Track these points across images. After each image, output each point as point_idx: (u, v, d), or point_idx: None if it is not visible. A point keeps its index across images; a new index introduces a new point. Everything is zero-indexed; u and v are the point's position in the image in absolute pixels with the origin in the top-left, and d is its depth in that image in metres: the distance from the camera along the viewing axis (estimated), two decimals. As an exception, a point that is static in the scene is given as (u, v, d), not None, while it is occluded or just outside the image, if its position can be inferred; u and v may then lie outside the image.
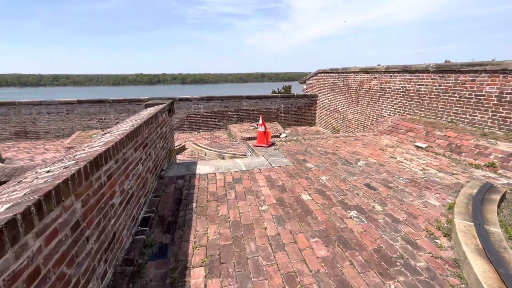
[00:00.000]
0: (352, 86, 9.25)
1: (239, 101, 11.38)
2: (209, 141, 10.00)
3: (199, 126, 11.25)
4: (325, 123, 11.57)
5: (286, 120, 12.15)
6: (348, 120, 9.67)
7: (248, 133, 10.08)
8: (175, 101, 10.60)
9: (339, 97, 10.21)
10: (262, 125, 5.25)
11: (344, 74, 9.64)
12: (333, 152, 4.82)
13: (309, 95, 12.11)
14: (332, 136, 6.06)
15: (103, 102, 10.16)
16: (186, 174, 3.74)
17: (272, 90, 45.46)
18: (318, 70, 11.69)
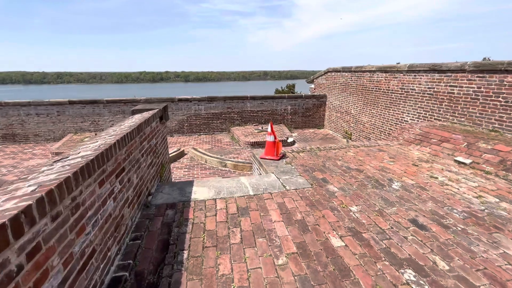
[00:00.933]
0: (367, 87, 8.42)
1: (243, 101, 10.60)
2: (210, 145, 9.24)
3: (199, 129, 10.50)
4: (335, 126, 10.74)
5: (293, 122, 11.35)
6: (362, 124, 8.85)
7: (253, 137, 9.30)
8: (174, 102, 9.85)
9: (351, 98, 9.39)
10: (271, 134, 4.46)
11: (358, 73, 8.81)
12: (357, 167, 4.02)
13: (318, 96, 11.30)
14: (351, 146, 5.25)
15: (96, 103, 9.43)
16: (179, 202, 2.97)
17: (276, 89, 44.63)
18: (328, 69, 10.86)
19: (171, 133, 10.28)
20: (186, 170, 7.15)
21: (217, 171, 7.07)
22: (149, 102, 9.77)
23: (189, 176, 6.70)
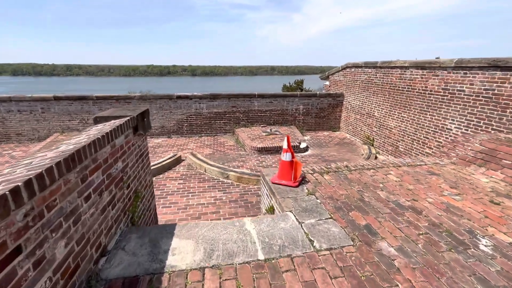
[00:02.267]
0: (396, 85, 7.14)
1: (250, 100, 9.42)
2: (212, 149, 8.13)
3: (200, 130, 9.38)
4: (354, 129, 9.49)
5: (305, 124, 10.13)
6: (387, 129, 7.59)
7: (260, 141, 8.14)
8: (173, 99, 8.73)
9: (375, 99, 8.12)
10: (287, 150, 3.29)
11: (385, 70, 7.53)
12: (411, 204, 2.84)
13: (334, 94, 10.03)
14: (390, 165, 4.04)
15: (85, 99, 8.38)
16: (145, 275, 1.84)
17: (284, 85, 43.20)
18: (347, 64, 9.56)
19: (169, 134, 9.19)
20: (182, 181, 6.05)
21: (218, 183, 5.96)
22: (143, 99, 8.68)
23: (183, 191, 5.60)
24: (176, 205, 5.08)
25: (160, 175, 6.31)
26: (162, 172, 6.47)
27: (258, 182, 5.84)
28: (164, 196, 5.37)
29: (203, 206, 5.06)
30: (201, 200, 5.27)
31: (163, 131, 9.10)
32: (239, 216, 4.71)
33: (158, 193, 5.47)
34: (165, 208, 4.97)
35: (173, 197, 5.36)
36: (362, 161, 4.22)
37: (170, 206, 5.03)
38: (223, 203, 5.16)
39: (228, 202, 5.19)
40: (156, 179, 6.10)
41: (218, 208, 4.98)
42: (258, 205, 5.10)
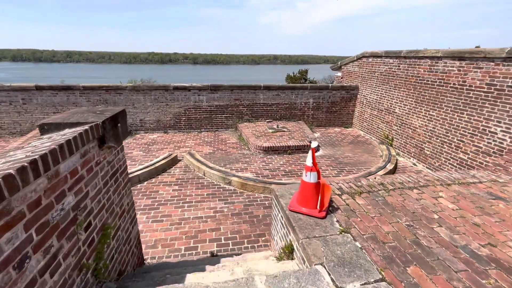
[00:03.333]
0: (425, 79, 6.20)
1: (255, 92, 8.51)
2: (212, 147, 7.30)
3: (200, 124, 8.52)
4: (369, 126, 8.60)
5: (314, 119, 9.24)
6: (411, 128, 6.71)
7: (266, 139, 7.29)
8: (169, 91, 7.84)
9: (397, 93, 7.19)
10: (312, 169, 2.43)
11: (411, 60, 6.57)
12: (490, 253, 2.01)
13: (348, 87, 9.09)
14: (435, 182, 3.20)
15: (71, 90, 7.50)
16: None
17: (287, 74, 41.92)
18: (364, 53, 8.57)
19: (165, 129, 8.35)
20: (177, 187, 5.26)
21: (218, 191, 5.16)
22: (136, 90, 7.79)
23: (178, 200, 4.81)
24: (169, 218, 4.30)
25: (153, 179, 5.52)
26: (155, 175, 5.67)
27: (265, 190, 5.04)
28: (156, 207, 4.59)
29: (200, 220, 4.28)
30: (198, 212, 4.48)
31: (158, 125, 8.26)
32: (243, 235, 3.94)
33: (148, 203, 4.69)
34: (156, 222, 4.19)
35: (166, 208, 4.57)
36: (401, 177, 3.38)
37: (162, 220, 4.25)
38: (224, 217, 4.37)
39: (230, 216, 4.40)
40: (148, 184, 5.31)
41: (218, 224, 4.20)
42: (265, 220, 4.32)
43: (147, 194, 4.95)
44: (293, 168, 6.11)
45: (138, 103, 7.92)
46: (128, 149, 6.99)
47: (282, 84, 8.68)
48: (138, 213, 4.39)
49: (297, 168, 6.13)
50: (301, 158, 6.72)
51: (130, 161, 6.29)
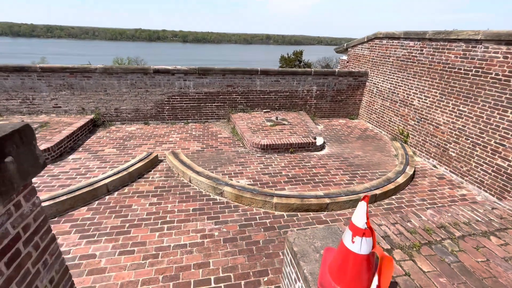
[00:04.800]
0: (456, 66, 5.19)
1: (250, 77, 7.32)
2: (201, 143, 6.22)
3: (187, 115, 7.35)
4: (379, 118, 7.64)
5: (317, 109, 8.20)
6: (432, 124, 5.77)
7: (264, 134, 6.24)
8: (149, 74, 6.57)
9: (417, 82, 6.18)
10: (366, 233, 1.42)
11: (439, 44, 5.50)
12: None
13: (356, 73, 8.00)
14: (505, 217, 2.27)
15: (26, 71, 6.12)
16: None
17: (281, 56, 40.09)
18: (376, 34, 7.42)
19: (145, 120, 7.16)
20: (155, 199, 4.22)
21: (207, 204, 4.16)
22: (109, 73, 6.47)
23: (156, 219, 3.79)
24: (142, 248, 3.30)
25: (125, 188, 4.44)
26: (129, 182, 4.59)
27: (265, 205, 4.08)
28: (126, 230, 3.57)
29: (184, 250, 3.30)
30: (181, 237, 3.50)
31: (137, 115, 7.04)
32: (239, 274, 3.00)
33: (117, 224, 3.66)
34: (124, 255, 3.18)
35: (140, 231, 3.56)
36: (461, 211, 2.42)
37: (133, 251, 3.25)
38: (215, 244, 3.41)
39: (222, 243, 3.44)
40: (118, 196, 4.25)
41: (206, 256, 3.24)
42: (267, 247, 3.39)
43: (116, 211, 3.91)
44: (297, 172, 5.14)
45: (112, 89, 6.64)
46: (99, 145, 5.82)
47: (282, 69, 7.50)
48: (102, 240, 3.36)
49: (302, 172, 5.17)
50: (305, 158, 5.74)
51: (99, 162, 5.16)
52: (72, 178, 4.57)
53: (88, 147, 5.75)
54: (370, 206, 4.34)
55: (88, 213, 3.83)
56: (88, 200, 4.04)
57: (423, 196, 4.69)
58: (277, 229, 3.72)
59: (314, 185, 4.75)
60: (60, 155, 5.24)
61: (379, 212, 4.19)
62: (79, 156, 5.32)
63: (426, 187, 4.97)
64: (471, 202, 4.69)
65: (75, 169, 4.86)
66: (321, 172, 5.19)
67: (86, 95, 6.56)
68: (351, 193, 4.33)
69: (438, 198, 4.66)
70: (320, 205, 4.08)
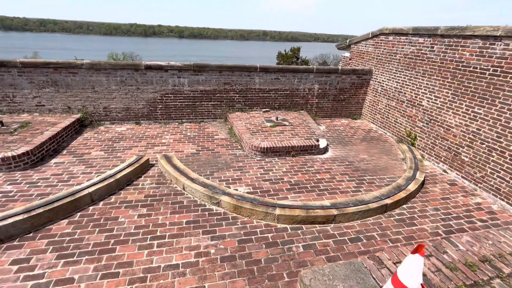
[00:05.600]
0: (471, 65, 4.84)
1: (249, 75, 6.90)
2: (196, 145, 5.81)
3: (181, 114, 6.91)
4: (384, 119, 7.29)
5: (318, 109, 7.82)
6: (443, 127, 5.43)
7: (264, 136, 5.85)
8: (140, 70, 6.11)
9: (426, 81, 5.83)
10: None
11: (452, 40, 5.14)
12: None
13: (360, 71, 7.62)
14: None
15: (6, 67, 5.61)
16: None
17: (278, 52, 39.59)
18: (382, 30, 7.04)
19: (137, 119, 6.71)
20: (145, 210, 3.81)
21: (203, 216, 3.77)
22: (96, 69, 6.00)
23: (145, 234, 3.39)
24: (128, 270, 2.90)
25: (112, 197, 4.03)
26: (116, 190, 4.17)
27: (267, 217, 3.70)
28: (111, 248, 3.16)
29: (176, 272, 2.91)
30: (173, 256, 3.10)
31: (128, 115, 6.59)
32: (240, 302, 2.62)
33: (100, 240, 3.25)
34: (107, 278, 2.78)
35: (126, 249, 3.15)
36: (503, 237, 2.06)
37: (117, 274, 2.84)
38: (211, 265, 3.02)
39: (220, 262, 3.05)
40: (104, 206, 3.83)
41: (201, 278, 2.85)
42: (269, 267, 3.01)
43: (100, 224, 3.49)
44: (300, 178, 4.76)
45: (100, 86, 6.17)
46: (85, 148, 5.38)
47: (282, 66, 7.09)
48: (82, 260, 2.96)
49: (305, 177, 4.79)
50: (308, 162, 5.37)
51: (84, 166, 4.72)
52: (53, 185, 4.14)
53: (74, 149, 5.30)
54: (380, 217, 3.99)
55: (68, 227, 3.41)
56: (69, 212, 3.62)
57: (436, 205, 4.36)
58: (280, 245, 3.34)
59: (319, 193, 4.38)
60: (41, 159, 4.79)
61: (390, 224, 3.84)
62: (63, 160, 4.87)
63: (438, 195, 4.63)
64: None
65: (57, 175, 4.42)
66: (325, 178, 4.82)
67: (72, 93, 6.08)
68: (360, 202, 3.97)
69: (452, 207, 4.33)
70: (327, 217, 3.71)
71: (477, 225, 3.92)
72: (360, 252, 3.31)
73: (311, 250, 3.29)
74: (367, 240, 3.51)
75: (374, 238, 3.56)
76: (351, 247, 3.38)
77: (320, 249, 3.32)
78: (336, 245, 3.40)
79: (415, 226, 3.85)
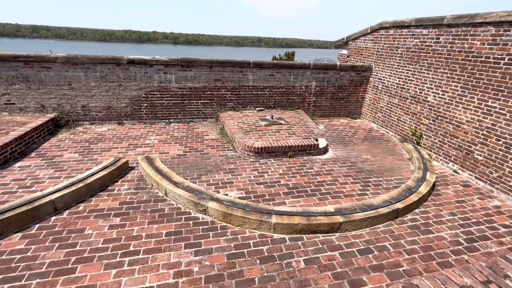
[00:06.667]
0: (483, 55, 4.43)
1: (242, 70, 6.42)
2: (183, 146, 5.27)
3: (168, 113, 6.38)
4: (385, 117, 6.86)
5: (316, 108, 7.36)
6: (453, 124, 5.00)
7: (258, 135, 5.34)
8: (122, 65, 5.57)
9: (432, 75, 5.42)
10: None
11: (461, 29, 4.74)
12: None
13: (359, 68, 7.20)
14: None
15: (-30, 60, 5.05)
16: None
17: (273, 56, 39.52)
18: (382, 24, 6.66)
19: (119, 119, 6.15)
20: (118, 220, 3.24)
21: (186, 226, 3.21)
22: (73, 63, 5.45)
23: (115, 248, 2.81)
24: (88, 296, 2.32)
25: (80, 205, 3.45)
26: (86, 196, 3.60)
27: (262, 226, 3.16)
28: (70, 268, 2.57)
29: (148, 297, 2.34)
30: (148, 277, 2.53)
31: (110, 114, 6.03)
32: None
33: (59, 259, 2.66)
34: (60, 309, 2.20)
35: (89, 269, 2.57)
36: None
37: (74, 302, 2.26)
38: (194, 287, 2.46)
39: (204, 284, 2.49)
40: (69, 216, 3.25)
41: (180, 305, 2.29)
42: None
43: (61, 238, 2.91)
44: (298, 181, 4.25)
45: (78, 83, 5.62)
46: (57, 150, 4.79)
47: (277, 61, 6.63)
48: (32, 285, 2.37)
49: (304, 180, 4.28)
50: (307, 163, 4.86)
51: (53, 170, 4.14)
52: (11, 192, 3.54)
53: (44, 151, 4.71)
54: (391, 224, 3.49)
55: (21, 242, 2.82)
56: (25, 224, 3.03)
57: (451, 208, 3.88)
58: (277, 260, 2.80)
59: (321, 198, 3.86)
60: (4, 162, 4.19)
61: (403, 232, 3.33)
62: (29, 163, 4.28)
63: (452, 197, 4.16)
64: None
65: (19, 180, 3.83)
66: (327, 181, 4.31)
67: (45, 90, 5.51)
68: (368, 207, 3.46)
69: (470, 211, 3.85)
70: (331, 225, 3.19)
71: (501, 231, 3.45)
72: (372, 267, 2.79)
73: (314, 266, 2.76)
74: (379, 252, 2.99)
75: (387, 249, 3.05)
76: (361, 261, 2.85)
77: (324, 263, 2.79)
78: (343, 258, 2.88)
79: (431, 233, 3.35)
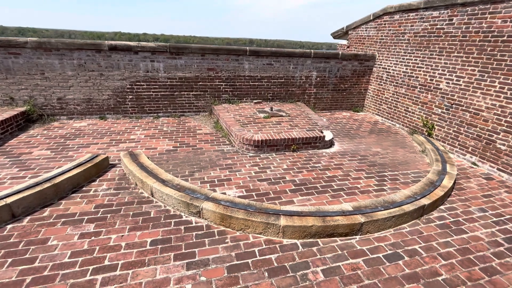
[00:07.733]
0: (505, 34, 4.02)
1: (237, 59, 5.88)
2: (174, 141, 4.68)
3: (156, 106, 5.78)
4: (391, 109, 6.43)
5: (317, 100, 6.87)
6: (471, 111, 4.57)
7: (257, 128, 4.80)
8: (103, 52, 4.94)
9: (444, 60, 5.00)
10: None
11: (478, 8, 4.32)
12: None
13: (362, 56, 6.76)
14: None
15: None
16: None
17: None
18: (385, 9, 6.24)
19: (101, 113, 5.51)
20: (92, 227, 2.63)
21: (177, 231, 2.63)
22: (46, 49, 4.80)
23: (86, 263, 2.20)
24: (44, 330, 1.72)
25: (46, 209, 2.83)
26: (54, 199, 2.98)
27: (268, 229, 2.61)
28: (24, 290, 1.97)
29: (126, 329, 1.76)
30: (125, 300, 1.95)
31: (90, 107, 5.39)
32: None
33: (8, 279, 2.05)
34: None
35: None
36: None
37: None
38: (186, 311, 1.89)
39: (199, 306, 1.93)
40: (31, 223, 2.63)
41: (168, 338, 1.71)
42: (277, 310, 1.91)
43: (17, 252, 2.29)
44: (306, 177, 3.72)
45: (52, 71, 4.97)
46: (26, 147, 4.14)
47: (276, 49, 6.10)
48: (-32, 318, 1.75)
49: (313, 175, 3.76)
50: (313, 157, 4.35)
51: (18, 169, 3.50)
52: (-40, 196, 2.89)
53: (10, 149, 4.06)
54: (417, 223, 3.00)
55: (-38, 258, 2.20)
56: (-29, 234, 2.40)
57: (479, 204, 3.42)
58: (290, 272, 2.26)
59: (334, 195, 3.34)
60: (-43, 161, 3.52)
61: (433, 233, 2.84)
62: (-11, 162, 3.63)
63: (477, 192, 3.71)
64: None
65: (-27, 181, 3.18)
66: (338, 176, 3.80)
67: (14, 80, 4.84)
68: (391, 205, 2.96)
69: (500, 206, 3.40)
70: (351, 226, 2.67)
71: (541, 229, 3.00)
72: (405, 276, 2.27)
73: (336, 278, 2.23)
74: (410, 258, 2.49)
75: (419, 253, 2.55)
76: (390, 270, 2.34)
77: (348, 274, 2.27)
78: (369, 266, 2.36)
79: (465, 233, 2.87)
